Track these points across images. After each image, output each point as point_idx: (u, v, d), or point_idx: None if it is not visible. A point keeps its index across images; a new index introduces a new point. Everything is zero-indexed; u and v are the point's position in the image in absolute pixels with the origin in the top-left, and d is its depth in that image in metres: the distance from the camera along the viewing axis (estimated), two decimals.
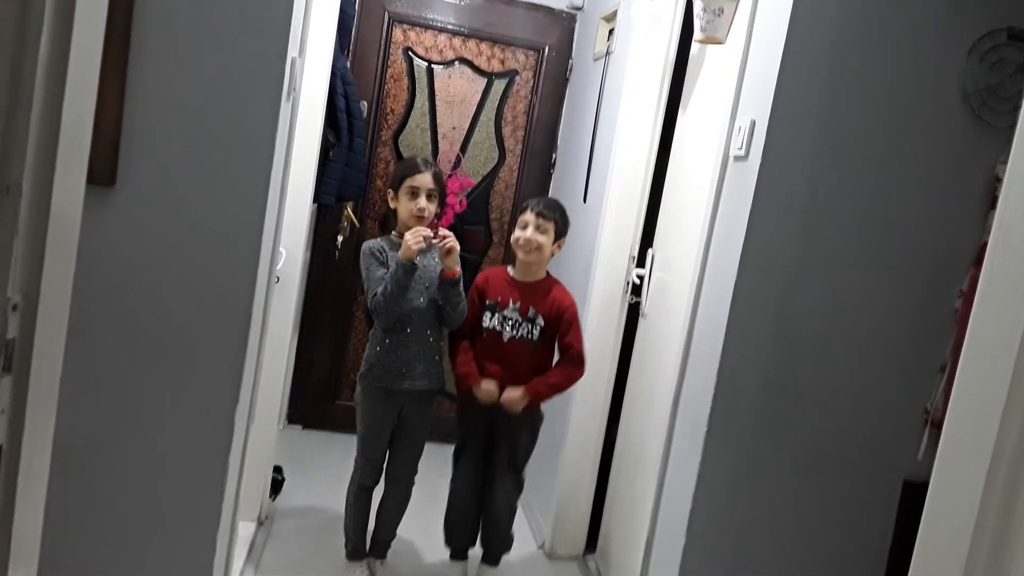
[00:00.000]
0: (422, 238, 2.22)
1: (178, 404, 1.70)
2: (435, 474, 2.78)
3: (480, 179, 3.70)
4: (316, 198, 2.84)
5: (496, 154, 3.71)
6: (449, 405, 2.68)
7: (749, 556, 1.86)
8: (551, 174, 3.69)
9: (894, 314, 1.85)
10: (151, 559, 1.75)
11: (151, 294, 1.65)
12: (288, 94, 1.72)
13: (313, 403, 3.71)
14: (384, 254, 2.35)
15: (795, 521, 1.87)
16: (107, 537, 1.72)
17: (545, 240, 2.44)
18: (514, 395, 2.38)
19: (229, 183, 1.67)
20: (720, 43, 2.11)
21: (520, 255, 2.47)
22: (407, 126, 3.63)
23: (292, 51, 1.70)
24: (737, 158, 1.87)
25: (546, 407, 2.56)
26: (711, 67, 2.36)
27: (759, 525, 1.86)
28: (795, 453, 1.85)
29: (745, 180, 1.82)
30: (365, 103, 3.49)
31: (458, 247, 2.32)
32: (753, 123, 1.79)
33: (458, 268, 2.34)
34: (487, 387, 2.39)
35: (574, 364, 2.45)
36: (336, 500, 2.87)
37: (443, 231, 2.31)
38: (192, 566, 1.78)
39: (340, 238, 3.53)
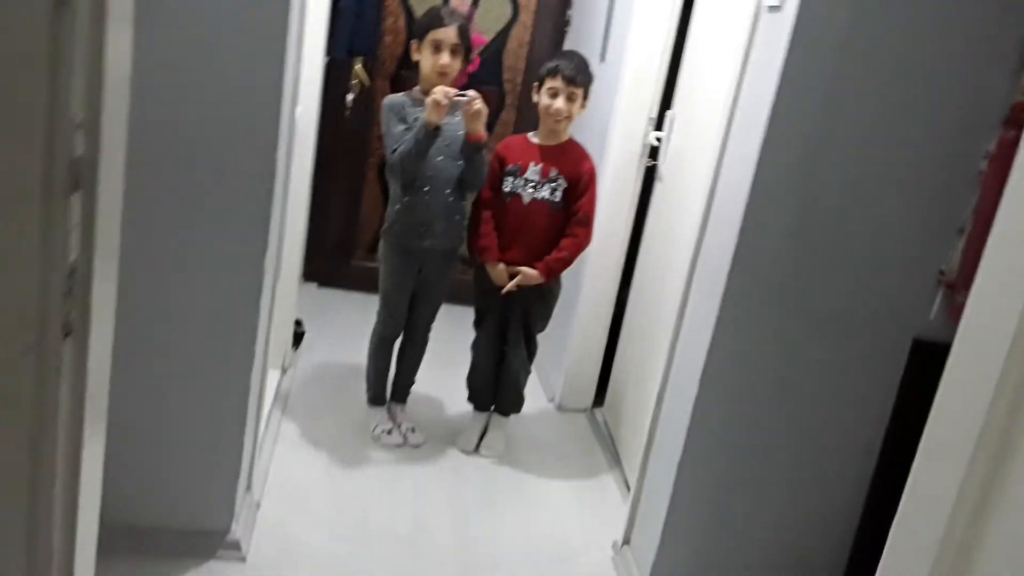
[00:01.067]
0: (446, 99, 2.18)
1: (211, 254, 1.74)
2: (454, 336, 2.86)
3: (492, 36, 3.58)
4: (327, 51, 2.76)
5: (509, 10, 3.57)
6: (465, 268, 2.72)
7: (759, 407, 1.94)
8: (565, 32, 3.57)
9: (917, 175, 1.84)
10: (192, 401, 1.84)
11: (179, 142, 1.65)
12: None
13: (328, 261, 3.75)
14: (404, 110, 2.31)
15: (806, 376, 1.93)
16: (150, 382, 1.80)
17: (574, 108, 2.42)
18: (528, 275, 2.43)
19: (249, 27, 1.62)
20: None
21: (549, 124, 2.44)
22: None
23: None
24: (771, 8, 1.80)
25: (562, 280, 2.61)
26: None
27: (771, 379, 1.92)
28: (811, 311, 1.89)
29: (779, 32, 1.76)
30: None
31: (486, 110, 2.29)
32: None
33: (484, 131, 2.32)
34: (498, 270, 2.44)
35: (582, 227, 2.47)
36: (353, 354, 2.98)
37: (472, 93, 2.26)
38: (229, 407, 1.87)
39: (350, 96, 3.46)
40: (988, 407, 0.81)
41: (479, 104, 2.25)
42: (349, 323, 3.36)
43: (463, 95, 2.24)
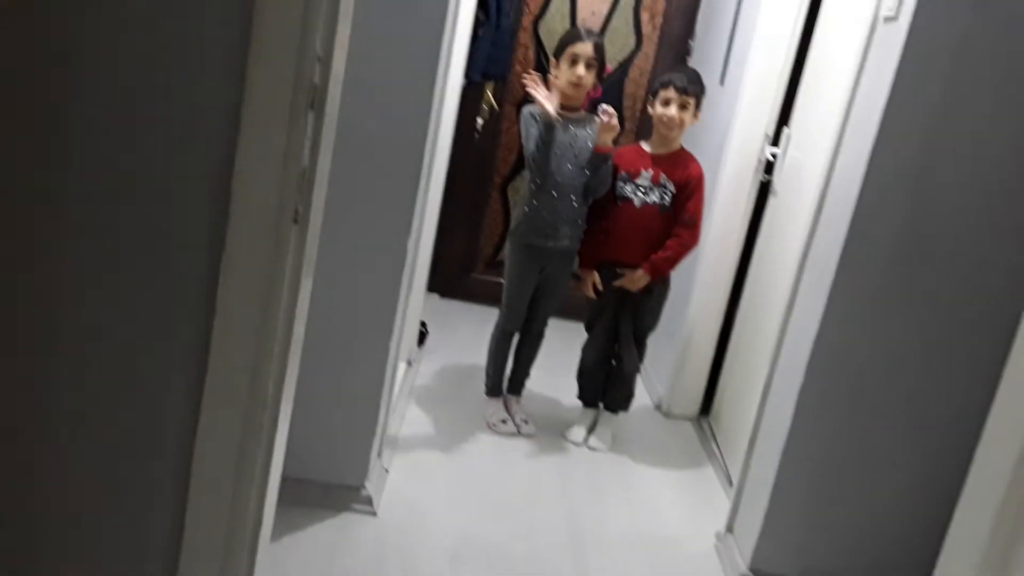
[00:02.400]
0: (534, 84, 2.44)
1: (362, 254, 1.99)
2: (565, 346, 3.04)
3: (616, 66, 3.78)
4: (465, 74, 3.03)
5: (632, 40, 3.78)
6: (576, 284, 2.90)
7: (864, 400, 1.99)
8: (687, 61, 3.73)
9: None
10: (339, 376, 2.08)
11: (341, 149, 1.91)
12: None
13: (450, 274, 4.02)
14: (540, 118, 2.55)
15: (910, 372, 1.97)
16: (308, 357, 2.03)
17: (686, 116, 2.58)
18: (635, 276, 2.59)
19: (409, 45, 1.88)
20: None
21: (662, 131, 2.61)
22: (547, 11, 3.74)
23: None
24: (887, 19, 1.91)
25: (672, 280, 2.74)
26: None
27: (876, 374, 1.98)
28: (916, 311, 1.94)
29: (893, 41, 1.86)
30: None
31: (618, 127, 2.50)
32: None
33: (611, 145, 2.52)
34: (590, 279, 2.68)
35: (688, 229, 2.61)
36: (471, 356, 3.20)
37: (610, 109, 2.49)
38: (367, 382, 2.11)
39: (480, 120, 3.73)
40: None
41: (614, 120, 2.45)
42: (468, 330, 3.59)
43: (607, 111, 2.47)
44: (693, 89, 2.57)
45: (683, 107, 2.57)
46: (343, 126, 1.87)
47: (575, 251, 2.67)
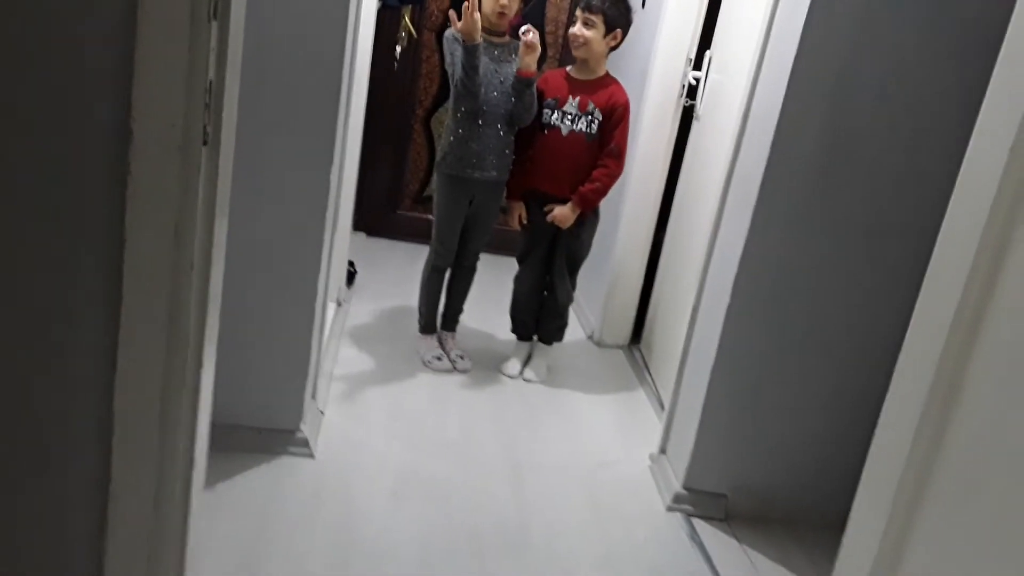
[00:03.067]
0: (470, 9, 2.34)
1: (283, 189, 1.91)
2: (497, 279, 3.01)
3: None
4: None
5: None
6: (503, 217, 2.87)
7: (789, 319, 2.04)
8: None
9: (945, 95, 1.92)
10: (266, 319, 2.02)
11: (252, 78, 1.80)
12: None
13: (376, 212, 3.92)
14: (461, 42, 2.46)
15: (835, 289, 2.02)
16: (231, 303, 1.95)
17: (593, 34, 2.52)
18: (563, 211, 2.58)
19: None
20: None
21: (573, 51, 2.56)
22: None
23: None
24: None
25: (600, 209, 2.73)
26: None
27: (800, 291, 2.02)
28: (838, 225, 1.99)
29: None
30: None
31: (539, 48, 2.42)
32: None
33: (535, 67, 2.45)
34: (516, 211, 2.68)
35: (613, 158, 2.59)
36: (401, 294, 3.16)
37: (530, 27, 2.41)
38: (296, 325, 2.05)
39: (399, 48, 3.60)
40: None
41: (533, 35, 2.38)
42: (397, 268, 3.53)
43: (525, 30, 2.40)
44: (598, 6, 2.50)
45: (587, 24, 2.51)
46: (254, 50, 1.75)
47: (504, 182, 2.63)
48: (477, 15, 2.35)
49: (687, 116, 2.94)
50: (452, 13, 2.42)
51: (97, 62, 0.80)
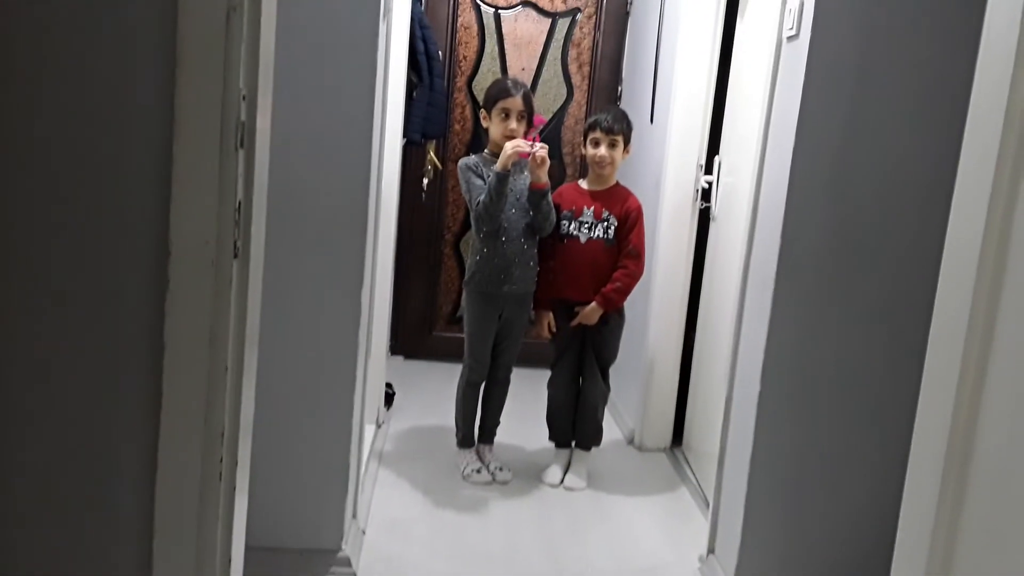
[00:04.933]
0: (519, 146, 2.48)
1: (316, 326, 2.01)
2: (531, 391, 3.05)
3: (551, 116, 3.92)
4: (404, 134, 3.12)
5: (564, 91, 3.92)
6: (533, 328, 2.94)
7: (820, 403, 2.03)
8: (618, 105, 3.88)
9: (944, 172, 1.98)
10: (305, 440, 2.07)
11: (280, 213, 1.92)
12: (384, 13, 1.98)
13: (412, 335, 4.03)
14: (480, 168, 2.62)
15: (862, 370, 2.02)
16: (269, 425, 2.00)
17: (616, 154, 2.69)
18: (587, 311, 2.66)
19: (342, 108, 1.93)
20: None
21: (596, 170, 2.71)
22: (479, 71, 3.88)
23: None
24: (789, 38, 2.03)
25: (627, 316, 2.80)
26: None
27: (828, 374, 2.02)
28: (857, 307, 2.01)
29: (797, 57, 1.98)
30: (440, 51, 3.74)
31: (547, 159, 2.57)
32: (802, 2, 1.95)
33: (547, 179, 2.59)
34: (545, 320, 2.76)
35: (632, 259, 2.70)
36: (440, 413, 3.20)
37: (538, 144, 2.56)
38: (334, 457, 2.10)
39: (425, 181, 3.81)
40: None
41: (543, 152, 2.53)
42: (435, 388, 3.58)
43: (533, 145, 2.53)
44: (619, 127, 2.69)
45: (612, 145, 2.69)
46: (284, 181, 1.91)
47: (530, 293, 2.72)
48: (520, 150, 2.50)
49: (704, 218, 3.03)
50: (507, 147, 2.53)
51: (138, 186, 0.92)
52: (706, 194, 2.99)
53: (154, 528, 1.02)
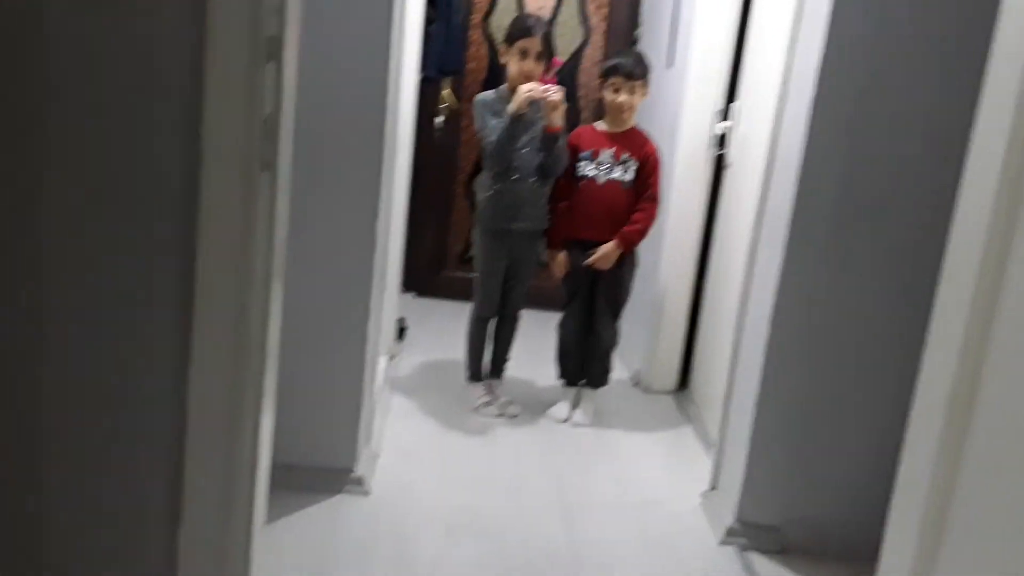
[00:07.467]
0: (533, 93, 2.48)
1: (333, 255, 2.06)
2: (541, 333, 3.10)
3: (567, 58, 3.88)
4: (420, 69, 3.10)
5: (581, 32, 3.88)
6: (546, 273, 2.96)
7: (829, 346, 2.06)
8: (635, 47, 3.83)
9: (965, 124, 1.96)
10: (321, 367, 2.14)
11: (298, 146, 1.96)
12: None
13: (423, 273, 4.07)
14: (495, 105, 2.63)
15: (873, 313, 2.04)
16: (289, 351, 2.08)
17: (636, 99, 2.69)
18: (606, 248, 2.67)
19: (358, 40, 1.93)
20: None
21: (615, 115, 2.71)
22: (496, 8, 3.83)
23: None
24: None
25: (640, 257, 2.82)
26: None
27: (838, 319, 2.05)
28: (870, 250, 2.03)
29: (821, 4, 1.96)
30: None
31: (560, 102, 2.56)
32: None
33: (561, 123, 2.59)
34: (558, 259, 2.75)
35: (650, 202, 2.72)
36: (449, 347, 3.26)
37: (552, 87, 2.55)
38: (349, 382, 2.17)
39: (439, 119, 3.80)
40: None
41: (558, 96, 2.52)
42: (445, 325, 3.64)
43: (547, 89, 2.53)
44: (639, 71, 2.67)
45: (632, 91, 2.68)
46: (302, 116, 1.94)
47: (540, 232, 2.74)
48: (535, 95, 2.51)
49: (719, 165, 3.03)
50: (521, 90, 2.54)
51: (170, 97, 0.95)
52: (722, 140, 2.98)
53: (186, 438, 1.07)
